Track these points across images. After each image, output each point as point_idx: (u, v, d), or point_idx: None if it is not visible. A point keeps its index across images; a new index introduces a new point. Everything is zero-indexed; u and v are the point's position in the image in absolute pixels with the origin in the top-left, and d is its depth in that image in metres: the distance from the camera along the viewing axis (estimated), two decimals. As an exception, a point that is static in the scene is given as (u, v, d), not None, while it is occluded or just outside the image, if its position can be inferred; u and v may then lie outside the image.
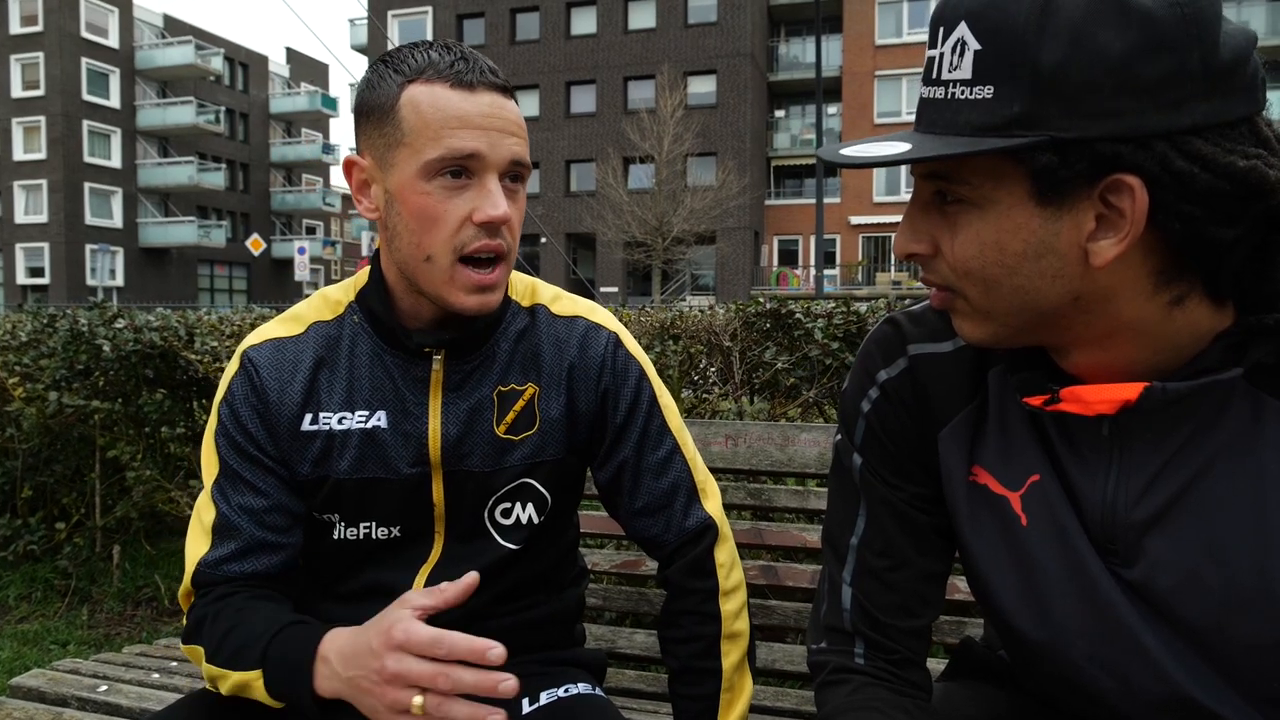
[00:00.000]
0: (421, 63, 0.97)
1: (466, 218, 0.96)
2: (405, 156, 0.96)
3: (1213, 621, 0.73)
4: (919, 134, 0.70)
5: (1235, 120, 0.64)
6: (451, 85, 0.96)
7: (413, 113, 0.96)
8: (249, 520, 1.04)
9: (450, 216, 0.96)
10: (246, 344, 1.08)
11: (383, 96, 0.98)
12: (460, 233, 0.97)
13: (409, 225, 0.98)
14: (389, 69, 0.99)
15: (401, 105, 0.96)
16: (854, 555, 0.90)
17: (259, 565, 1.04)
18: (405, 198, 0.97)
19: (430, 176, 0.96)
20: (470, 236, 0.97)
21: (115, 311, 3.43)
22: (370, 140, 1.00)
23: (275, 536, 1.05)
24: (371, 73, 1.00)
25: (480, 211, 0.96)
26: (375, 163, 1.00)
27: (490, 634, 1.10)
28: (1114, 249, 0.66)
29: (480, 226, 0.97)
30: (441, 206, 0.96)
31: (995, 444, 0.83)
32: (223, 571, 1.03)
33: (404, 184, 0.97)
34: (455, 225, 0.96)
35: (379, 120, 0.98)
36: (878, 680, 0.87)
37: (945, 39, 0.68)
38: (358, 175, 1.03)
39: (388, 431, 1.05)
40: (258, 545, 1.04)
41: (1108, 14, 0.62)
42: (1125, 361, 0.72)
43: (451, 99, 0.96)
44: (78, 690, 1.50)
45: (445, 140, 0.95)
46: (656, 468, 1.11)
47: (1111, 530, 0.76)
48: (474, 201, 0.96)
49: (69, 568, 3.38)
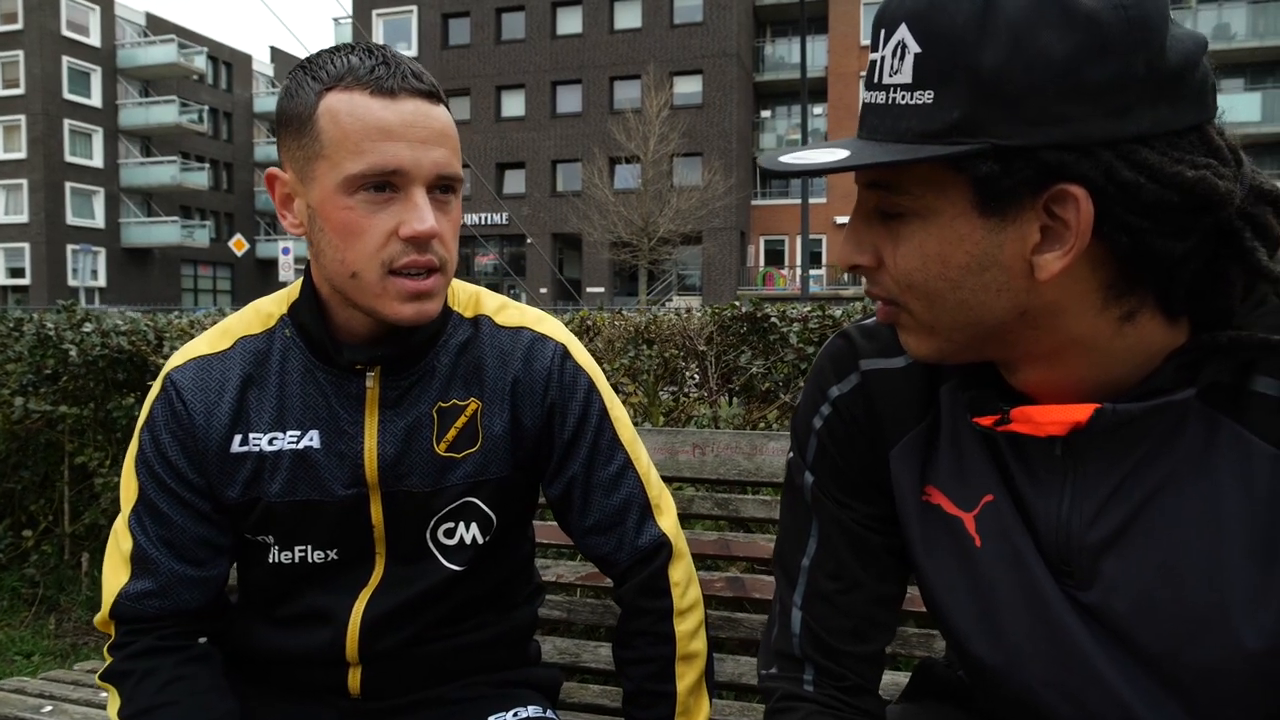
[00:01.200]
0: (340, 69, 0.92)
1: (392, 232, 0.91)
2: (325, 170, 0.91)
3: (1168, 646, 0.70)
4: (860, 141, 0.67)
5: (1184, 129, 0.61)
6: (371, 93, 0.90)
7: (331, 123, 0.90)
8: (167, 553, 1.00)
9: (375, 231, 0.91)
10: (171, 364, 1.04)
11: (300, 105, 0.92)
12: (386, 248, 0.92)
13: (332, 241, 0.93)
14: (307, 75, 0.93)
15: (320, 115, 0.91)
16: (805, 577, 0.87)
17: (180, 602, 1.00)
18: (327, 213, 0.92)
19: (352, 191, 0.90)
20: (398, 252, 0.92)
21: (83, 315, 3.37)
22: (290, 152, 0.95)
23: (194, 570, 1.01)
24: (290, 79, 0.95)
25: (406, 226, 0.91)
26: (296, 176, 0.95)
27: (436, 657, 1.08)
28: (1059, 262, 0.63)
29: (407, 242, 0.92)
30: (366, 221, 0.91)
31: (948, 463, 0.80)
32: (144, 607, 0.99)
33: (325, 198, 0.92)
34: (380, 240, 0.91)
35: (297, 131, 0.93)
36: (826, 709, 0.85)
37: (886, 41, 0.65)
38: (280, 189, 0.97)
39: (320, 452, 1.01)
40: (177, 580, 1.00)
41: (1050, 16, 0.59)
42: (1075, 379, 0.69)
43: (371, 108, 0.90)
44: (20, 711, 1.45)
45: (366, 154, 0.89)
46: (607, 484, 1.08)
47: (1066, 552, 0.73)
48: (399, 216, 0.91)
49: (36, 576, 3.33)
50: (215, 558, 1.03)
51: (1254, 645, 0.67)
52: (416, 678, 1.07)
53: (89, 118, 36.02)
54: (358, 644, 1.03)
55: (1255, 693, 0.70)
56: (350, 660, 1.04)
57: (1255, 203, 0.65)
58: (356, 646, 1.04)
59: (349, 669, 1.05)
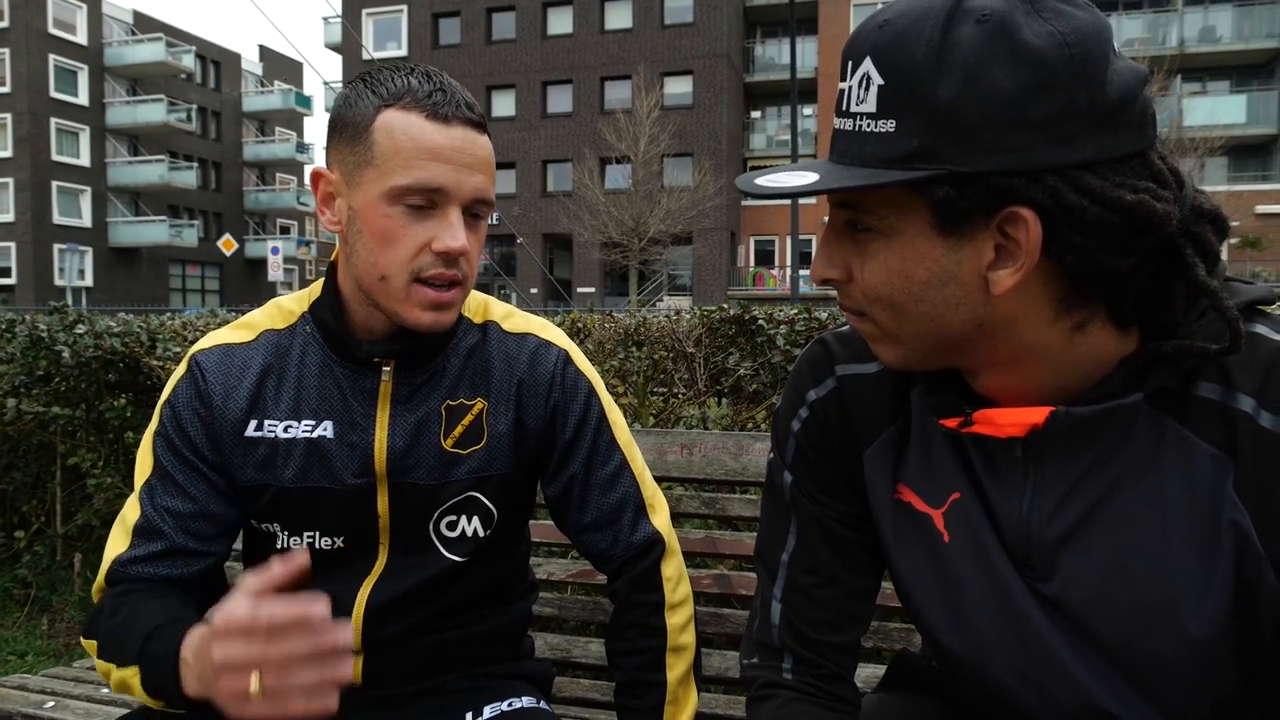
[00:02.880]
0: (400, 88, 0.98)
1: (425, 245, 0.98)
2: (373, 178, 0.98)
3: (1123, 636, 0.75)
4: (830, 164, 0.72)
5: (1126, 155, 0.66)
6: (427, 116, 0.97)
7: (386, 137, 0.97)
8: (173, 524, 1.04)
9: (409, 241, 0.98)
10: (197, 348, 1.09)
11: (358, 116, 0.99)
12: (418, 258, 0.98)
13: (368, 244, 0.99)
14: (367, 89, 1.00)
15: (376, 128, 0.97)
16: (784, 572, 0.92)
17: (173, 570, 1.03)
18: (367, 217, 0.98)
19: (394, 201, 0.97)
20: (427, 263, 0.99)
21: (76, 316, 3.39)
22: (340, 155, 1.01)
23: (197, 544, 1.05)
24: (350, 89, 1.02)
25: (439, 241, 0.98)
26: (342, 178, 1.01)
27: (436, 648, 1.12)
28: (1012, 278, 0.68)
29: (438, 255, 0.98)
30: (402, 231, 0.98)
31: (918, 463, 0.85)
32: (135, 571, 1.03)
33: (368, 204, 0.98)
34: (413, 250, 0.98)
35: (351, 138, 0.99)
36: (804, 695, 0.89)
37: (854, 73, 0.70)
38: (323, 187, 1.04)
39: (333, 442, 1.06)
40: (177, 550, 1.04)
41: (1000, 54, 0.64)
42: (1033, 385, 0.74)
43: (425, 129, 0.97)
44: (23, 707, 1.49)
45: (415, 170, 0.96)
46: (605, 483, 1.13)
47: (1028, 547, 0.78)
48: (434, 230, 0.98)
49: (28, 576, 3.34)
50: (219, 535, 1.07)
51: (1199, 633, 0.72)
52: (416, 667, 1.11)
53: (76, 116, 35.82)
54: (361, 632, 1.07)
55: (1203, 677, 0.75)
56: (353, 648, 1.08)
57: (1196, 221, 0.70)
58: (360, 635, 1.07)
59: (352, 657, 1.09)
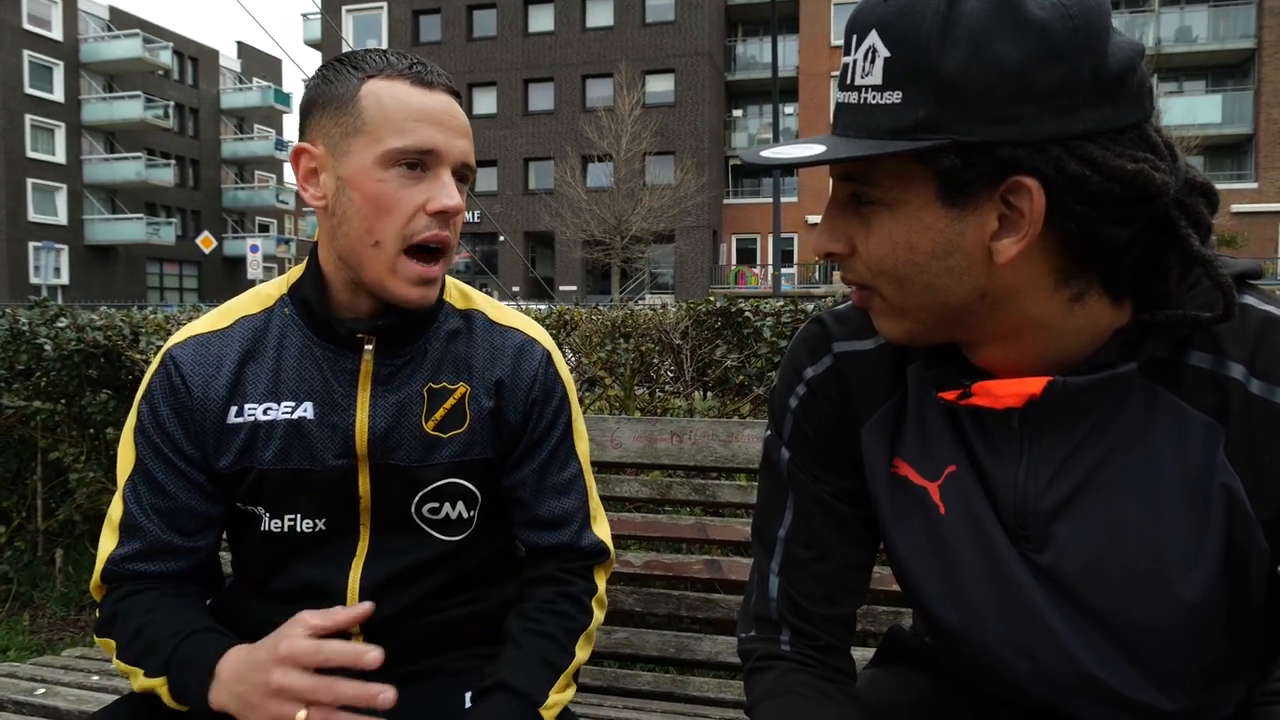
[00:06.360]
0: (380, 62, 1.01)
1: (420, 207, 0.99)
2: (363, 145, 0.99)
3: (1115, 604, 0.77)
4: (835, 137, 0.73)
5: (1125, 126, 0.68)
6: (412, 83, 1.00)
7: (374, 103, 0.99)
8: (157, 521, 1.04)
9: (404, 205, 0.99)
10: (171, 342, 1.09)
11: (341, 89, 1.00)
12: (412, 221, 1.00)
13: (360, 211, 0.99)
14: (345, 66, 1.02)
15: (363, 96, 0.99)
16: (781, 547, 0.93)
17: (165, 567, 1.05)
18: (359, 184, 0.99)
19: (388, 165, 0.98)
20: (422, 226, 1.00)
21: (58, 310, 3.36)
22: (324, 129, 1.01)
23: (182, 540, 1.06)
24: (325, 70, 1.03)
25: (435, 201, 0.99)
26: (327, 150, 1.01)
27: (435, 628, 1.12)
28: (1015, 247, 0.69)
29: (433, 216, 1.00)
30: (396, 195, 0.99)
31: (914, 437, 0.86)
32: (130, 569, 1.04)
33: (359, 171, 0.99)
34: (408, 214, 0.99)
35: (336, 110, 1.00)
36: (802, 666, 0.90)
37: (858, 46, 0.71)
38: (306, 163, 1.04)
39: (314, 423, 1.06)
40: (163, 547, 1.05)
41: (1005, 25, 0.65)
42: (1031, 356, 0.76)
43: (412, 94, 0.99)
44: (14, 694, 1.48)
45: (408, 133, 0.98)
46: (560, 487, 1.15)
47: (1023, 517, 0.80)
48: (429, 192, 1.00)
49: (9, 572, 3.31)
50: (204, 529, 1.07)
51: (1190, 598, 0.74)
52: (412, 648, 1.11)
53: (51, 113, 35.39)
54: None
55: (1193, 643, 0.77)
56: (349, 631, 1.08)
57: (1189, 194, 0.72)
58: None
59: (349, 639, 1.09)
